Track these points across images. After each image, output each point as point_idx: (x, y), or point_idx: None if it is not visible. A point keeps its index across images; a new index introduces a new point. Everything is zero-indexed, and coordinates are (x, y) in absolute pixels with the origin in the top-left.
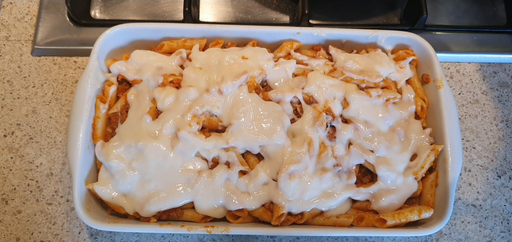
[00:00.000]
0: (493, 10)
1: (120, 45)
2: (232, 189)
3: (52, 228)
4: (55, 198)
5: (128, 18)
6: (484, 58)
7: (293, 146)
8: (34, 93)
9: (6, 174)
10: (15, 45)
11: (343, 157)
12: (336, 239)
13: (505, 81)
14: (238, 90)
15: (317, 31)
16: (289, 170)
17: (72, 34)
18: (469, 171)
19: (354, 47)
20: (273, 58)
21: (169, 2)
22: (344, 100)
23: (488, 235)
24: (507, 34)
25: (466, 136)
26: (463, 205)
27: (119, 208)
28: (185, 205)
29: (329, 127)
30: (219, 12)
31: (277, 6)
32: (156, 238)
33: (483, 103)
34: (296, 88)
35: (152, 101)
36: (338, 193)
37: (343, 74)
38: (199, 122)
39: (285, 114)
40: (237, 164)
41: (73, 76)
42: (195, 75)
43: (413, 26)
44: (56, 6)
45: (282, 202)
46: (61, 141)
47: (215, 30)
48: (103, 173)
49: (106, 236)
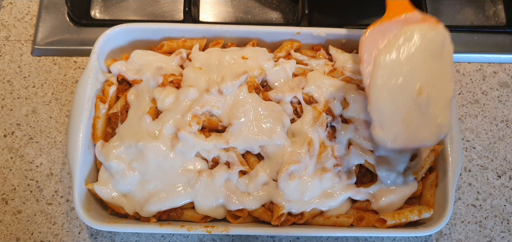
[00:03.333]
0: (493, 10)
1: (120, 45)
2: (232, 189)
3: (52, 228)
4: (55, 198)
5: (128, 18)
6: (484, 58)
7: (293, 146)
8: (34, 93)
9: (6, 174)
10: (15, 45)
11: (343, 157)
12: (336, 239)
13: (505, 81)
14: (238, 90)
15: (317, 31)
16: (289, 170)
17: (72, 34)
18: (469, 171)
19: (354, 47)
20: (273, 58)
21: (169, 2)
22: (344, 100)
23: (488, 235)
24: (507, 34)
25: (466, 136)
26: (463, 205)
27: (119, 208)
28: (185, 205)
29: (329, 127)
30: (219, 12)
31: (277, 6)
32: (156, 238)
33: (483, 103)
34: (296, 88)
35: (152, 101)
36: (338, 193)
37: (343, 74)
38: (199, 122)
39: (285, 115)
40: (237, 164)
41: (73, 76)
42: (195, 75)
43: None
44: (56, 6)
45: (282, 202)
46: (61, 141)
47: (215, 30)
48: (103, 173)
49: (106, 236)
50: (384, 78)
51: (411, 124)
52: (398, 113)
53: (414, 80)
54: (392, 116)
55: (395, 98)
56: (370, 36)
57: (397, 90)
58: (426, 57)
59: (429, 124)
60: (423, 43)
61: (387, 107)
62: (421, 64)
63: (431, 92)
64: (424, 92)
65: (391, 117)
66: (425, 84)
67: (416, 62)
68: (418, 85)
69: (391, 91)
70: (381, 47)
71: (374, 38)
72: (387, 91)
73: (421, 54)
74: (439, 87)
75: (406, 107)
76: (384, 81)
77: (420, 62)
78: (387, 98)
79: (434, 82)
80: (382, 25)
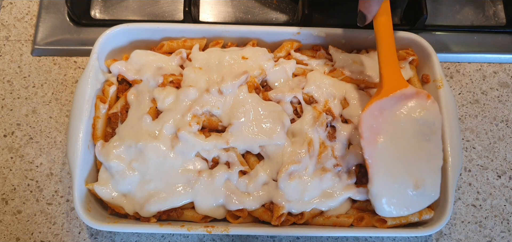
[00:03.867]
0: (493, 10)
1: (120, 45)
2: (232, 189)
3: (52, 228)
4: (55, 198)
5: (128, 18)
6: (484, 58)
7: (293, 146)
8: (34, 93)
9: (6, 174)
10: (15, 45)
11: (343, 157)
12: (336, 239)
13: (505, 81)
14: (238, 90)
15: (317, 31)
16: (289, 170)
17: (72, 34)
18: (469, 171)
19: (354, 47)
20: (273, 58)
21: (169, 2)
22: (344, 100)
23: (488, 235)
24: (507, 34)
25: (466, 136)
26: (463, 205)
27: (119, 208)
28: (185, 205)
29: (329, 126)
30: (219, 12)
31: (277, 6)
32: (156, 238)
33: (483, 103)
34: (296, 88)
35: (152, 101)
36: (338, 193)
37: (343, 74)
38: (199, 122)
39: (285, 115)
40: (237, 164)
41: (73, 76)
42: (195, 75)
43: (413, 26)
44: (56, 6)
45: (282, 202)
46: (61, 141)
47: (215, 30)
48: (103, 173)
49: (106, 236)
50: (384, 164)
51: (406, 199)
52: (396, 189)
53: (410, 163)
54: (391, 191)
55: (394, 181)
56: (369, 112)
57: (395, 174)
58: (420, 140)
59: (422, 197)
60: (417, 128)
61: (386, 188)
62: (416, 146)
63: (425, 175)
64: (419, 179)
65: (390, 192)
66: (420, 167)
67: (411, 145)
68: (414, 178)
69: (391, 175)
70: (380, 129)
71: (372, 114)
72: (387, 176)
73: (415, 139)
74: (432, 162)
75: (404, 187)
76: (385, 168)
77: (415, 144)
78: (387, 182)
79: (427, 161)
80: (380, 101)
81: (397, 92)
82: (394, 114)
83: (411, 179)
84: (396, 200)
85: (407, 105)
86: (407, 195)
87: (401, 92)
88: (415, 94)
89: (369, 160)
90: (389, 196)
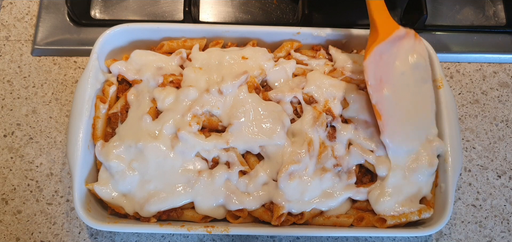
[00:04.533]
0: (493, 10)
1: (120, 45)
2: (232, 189)
3: (52, 228)
4: (55, 198)
5: (128, 18)
6: (484, 58)
7: (293, 146)
8: (34, 93)
9: (6, 174)
10: (15, 45)
11: (343, 157)
12: (336, 239)
13: (505, 81)
14: (238, 90)
15: (317, 31)
16: (289, 170)
17: (72, 34)
18: (469, 171)
19: (354, 47)
20: (273, 58)
21: (169, 2)
22: (344, 100)
23: (488, 235)
24: (507, 34)
25: (466, 136)
26: (463, 205)
27: (119, 208)
28: (185, 205)
29: (329, 126)
30: (219, 12)
31: (277, 6)
32: (156, 238)
33: (483, 103)
34: (296, 88)
35: (152, 101)
36: (338, 193)
37: (343, 74)
38: (199, 122)
39: (285, 115)
40: (237, 164)
41: (73, 76)
42: (195, 75)
43: (413, 26)
44: (56, 6)
45: (282, 202)
46: (61, 141)
47: (215, 30)
48: (103, 173)
49: (106, 236)
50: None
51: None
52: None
53: (413, 103)
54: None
55: (403, 125)
56: (372, 58)
57: (403, 117)
58: (419, 84)
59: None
60: (416, 74)
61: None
62: (416, 91)
63: (426, 115)
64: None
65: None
66: (417, 105)
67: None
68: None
69: (399, 119)
70: (383, 75)
71: (374, 60)
72: (396, 120)
73: (416, 86)
74: (428, 103)
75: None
76: (394, 113)
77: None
78: (398, 127)
79: (425, 103)
80: (379, 46)
81: (392, 35)
82: (393, 59)
83: (417, 123)
84: (405, 145)
85: (402, 47)
86: (411, 134)
87: (395, 34)
88: (406, 35)
89: (378, 105)
90: (399, 139)
